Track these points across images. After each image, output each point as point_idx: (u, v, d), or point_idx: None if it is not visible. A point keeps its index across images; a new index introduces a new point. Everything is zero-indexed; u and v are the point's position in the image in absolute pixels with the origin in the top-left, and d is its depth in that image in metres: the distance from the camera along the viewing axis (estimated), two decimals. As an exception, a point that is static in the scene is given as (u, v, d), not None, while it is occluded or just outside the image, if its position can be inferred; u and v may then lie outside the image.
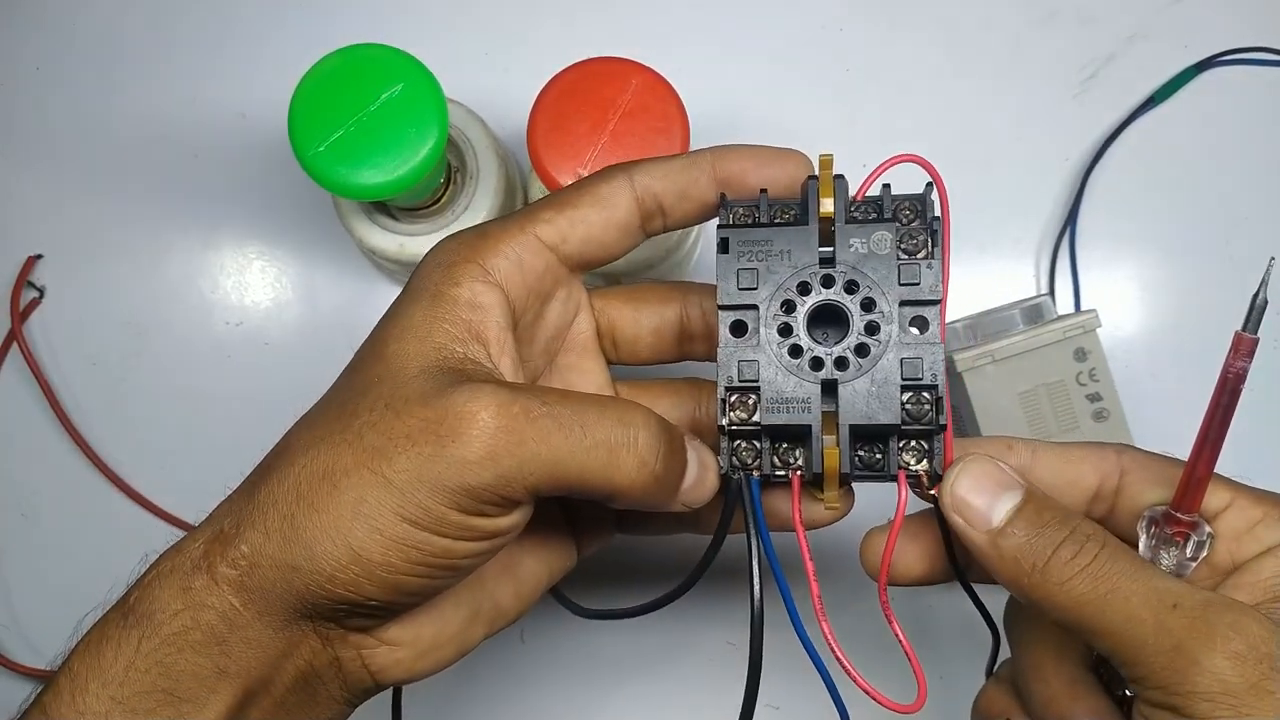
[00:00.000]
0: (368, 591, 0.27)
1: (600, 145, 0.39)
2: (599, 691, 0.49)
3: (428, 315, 0.29)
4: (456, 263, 0.30)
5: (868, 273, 0.30)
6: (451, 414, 0.26)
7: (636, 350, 0.36)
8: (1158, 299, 0.51)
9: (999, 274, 0.51)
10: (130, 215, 0.52)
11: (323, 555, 0.26)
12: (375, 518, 0.26)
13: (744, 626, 0.49)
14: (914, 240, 0.30)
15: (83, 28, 0.53)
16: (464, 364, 0.28)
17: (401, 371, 0.28)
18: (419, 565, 0.27)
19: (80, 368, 0.51)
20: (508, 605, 0.33)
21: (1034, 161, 0.52)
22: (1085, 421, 0.45)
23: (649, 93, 0.39)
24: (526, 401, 0.27)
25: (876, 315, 0.29)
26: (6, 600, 0.50)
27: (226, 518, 0.28)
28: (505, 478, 0.27)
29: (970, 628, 0.37)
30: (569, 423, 0.27)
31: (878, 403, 0.29)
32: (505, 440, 0.26)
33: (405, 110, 0.38)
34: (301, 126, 0.38)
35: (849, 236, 0.30)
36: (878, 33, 0.52)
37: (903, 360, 0.29)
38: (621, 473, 0.28)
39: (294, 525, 0.27)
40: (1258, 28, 0.52)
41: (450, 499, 0.26)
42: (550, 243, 0.31)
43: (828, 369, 0.29)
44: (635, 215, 0.32)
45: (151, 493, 0.50)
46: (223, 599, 0.27)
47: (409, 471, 0.26)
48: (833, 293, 0.30)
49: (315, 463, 0.27)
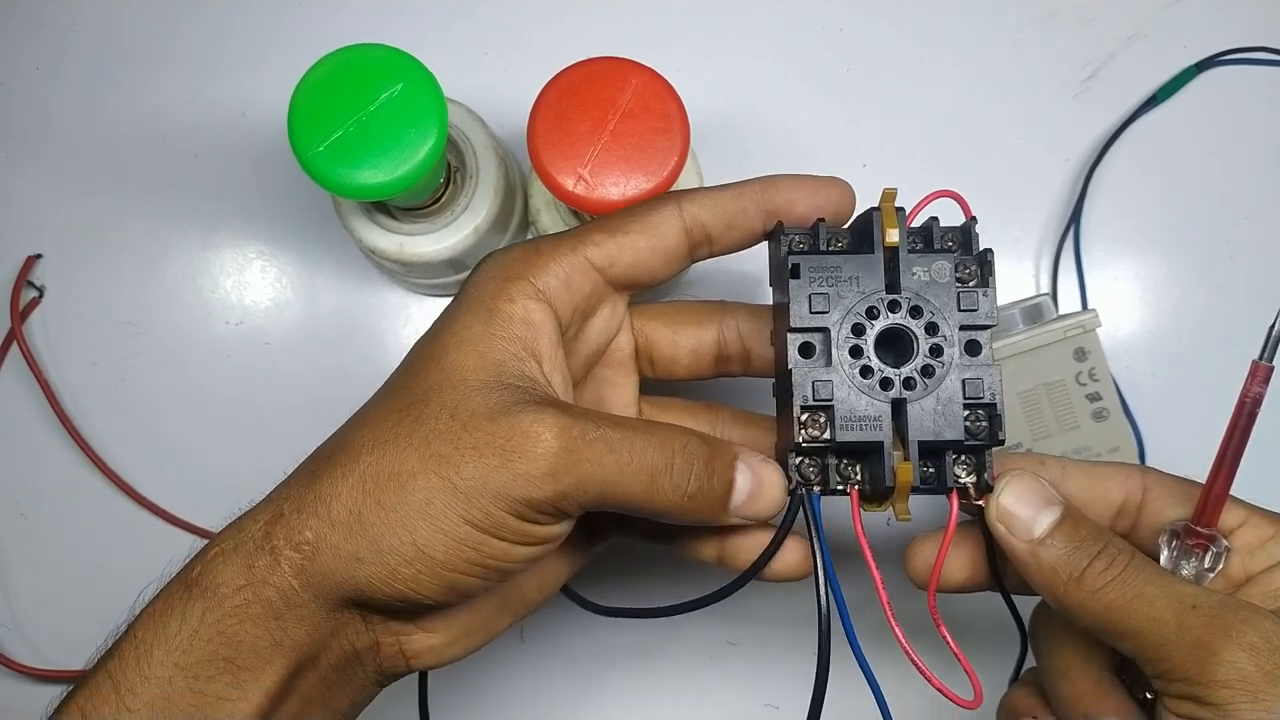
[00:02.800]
0: (427, 588, 0.29)
1: (600, 145, 0.39)
2: (598, 688, 0.49)
3: (486, 330, 0.31)
4: (510, 278, 0.32)
5: (930, 299, 0.32)
6: (518, 432, 0.29)
7: (674, 369, 0.38)
8: (1158, 299, 0.51)
9: (999, 274, 0.51)
10: (130, 215, 0.52)
11: (389, 550, 0.29)
12: (441, 519, 0.29)
13: (744, 626, 0.49)
14: (967, 270, 0.32)
15: (82, 28, 0.53)
16: (523, 381, 0.31)
17: (464, 383, 0.30)
18: (475, 565, 0.29)
19: (80, 367, 0.51)
20: (531, 596, 0.36)
21: (1034, 161, 0.52)
22: (1085, 421, 0.45)
23: (649, 93, 0.39)
24: (584, 426, 0.29)
25: (939, 339, 0.32)
26: (7, 600, 0.50)
27: (286, 501, 0.30)
28: (563, 493, 0.29)
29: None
30: (619, 447, 0.30)
31: (944, 420, 0.31)
32: (565, 460, 0.29)
33: (405, 110, 0.38)
34: (301, 126, 0.38)
35: (912, 265, 0.32)
36: (878, 33, 0.52)
37: (964, 380, 0.31)
38: (660, 494, 0.30)
39: (360, 519, 0.29)
40: (1258, 27, 0.52)
41: (512, 507, 0.29)
42: (599, 265, 0.33)
43: (896, 389, 0.31)
44: (683, 243, 0.34)
45: (152, 492, 0.50)
46: (284, 579, 0.29)
47: (475, 480, 0.29)
48: (899, 317, 0.32)
49: (382, 462, 0.29)
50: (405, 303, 0.51)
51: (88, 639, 0.48)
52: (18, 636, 0.50)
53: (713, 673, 0.49)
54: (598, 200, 0.38)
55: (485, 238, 0.45)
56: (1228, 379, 0.50)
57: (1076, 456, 0.45)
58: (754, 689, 0.49)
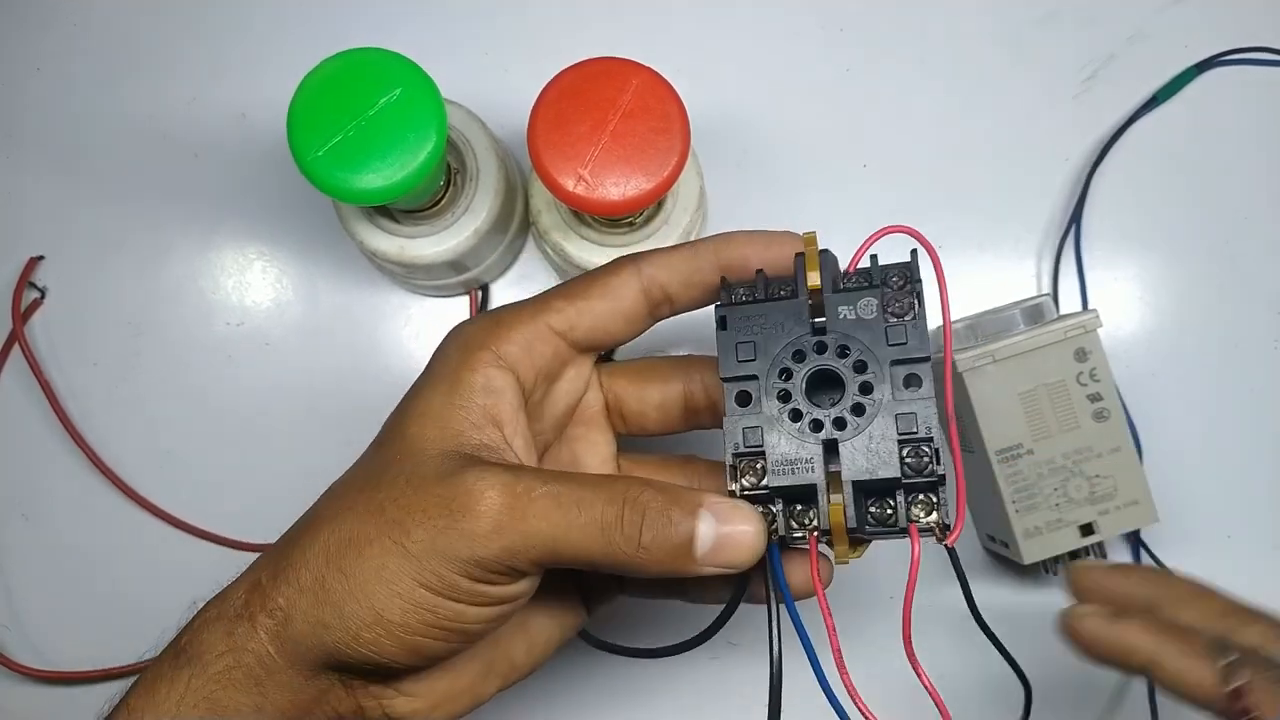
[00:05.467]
0: (388, 651, 0.30)
1: (601, 145, 0.39)
2: (598, 688, 0.49)
3: (447, 401, 0.32)
4: (473, 348, 0.33)
5: (858, 337, 0.31)
6: (462, 491, 0.29)
7: (644, 424, 0.38)
8: (1158, 299, 0.51)
9: (999, 274, 0.51)
10: (131, 216, 0.52)
11: (350, 615, 0.29)
12: (395, 583, 0.29)
13: (745, 626, 0.49)
14: (900, 303, 0.31)
15: (83, 28, 0.53)
16: (479, 449, 0.31)
17: (421, 453, 0.31)
18: (434, 628, 0.30)
19: (81, 368, 0.51)
20: (520, 661, 0.36)
21: (1034, 161, 0.52)
22: (1086, 421, 0.45)
23: (649, 93, 0.39)
24: (529, 482, 0.30)
25: (869, 376, 0.31)
26: (8, 601, 0.50)
27: (264, 570, 0.31)
28: (510, 550, 0.29)
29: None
30: (567, 501, 0.30)
31: (878, 458, 0.31)
32: (510, 516, 0.29)
33: (404, 115, 0.38)
34: (300, 131, 0.38)
35: (837, 305, 0.32)
36: (878, 33, 0.52)
37: (897, 416, 0.31)
38: (613, 547, 0.30)
39: (324, 586, 0.30)
40: (1258, 27, 0.52)
41: (462, 568, 0.29)
42: (559, 330, 0.34)
43: (827, 430, 0.31)
44: (642, 305, 0.35)
45: (152, 493, 0.50)
46: (261, 645, 0.30)
47: (424, 542, 0.29)
48: (826, 358, 0.32)
49: (342, 530, 0.30)
50: (406, 304, 0.51)
51: (89, 640, 0.49)
52: (19, 637, 0.50)
53: (713, 673, 0.49)
54: (598, 200, 0.39)
55: (486, 239, 0.46)
56: (1228, 379, 0.50)
57: (1078, 457, 0.45)
58: (754, 689, 0.49)
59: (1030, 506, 0.44)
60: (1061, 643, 0.35)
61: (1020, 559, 0.45)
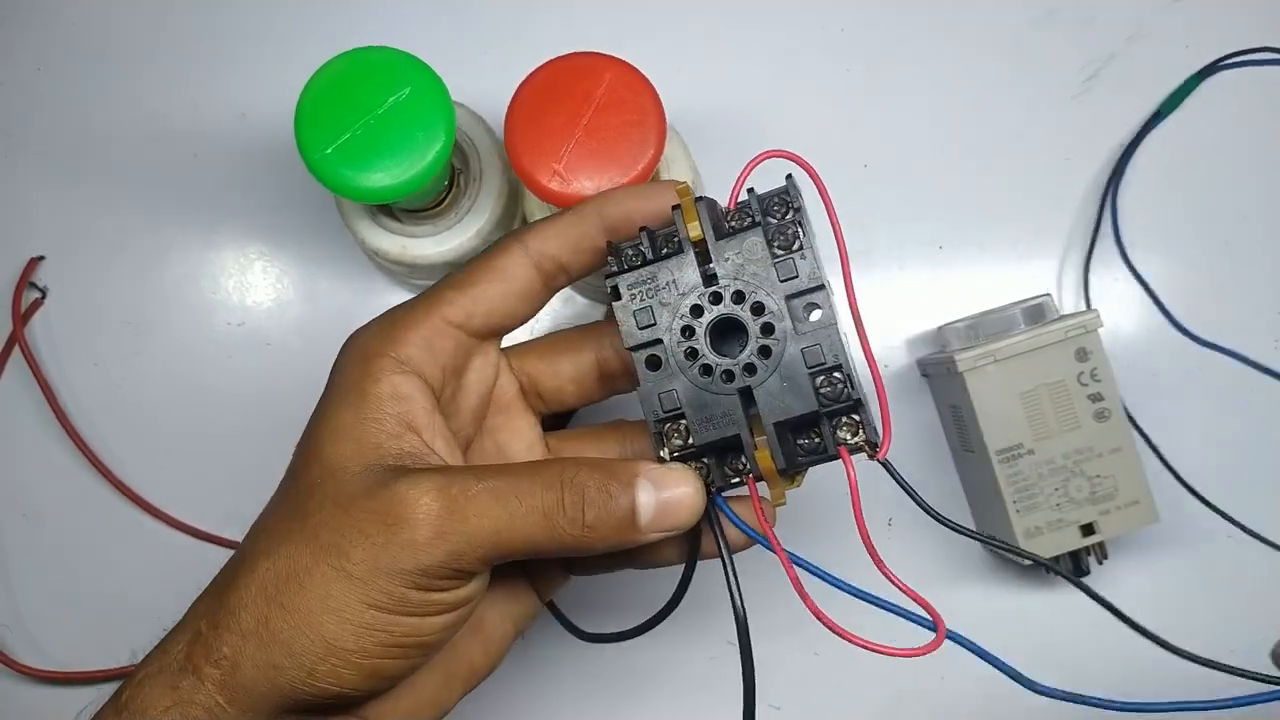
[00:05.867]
0: (348, 680, 0.29)
1: (575, 140, 0.39)
2: (597, 688, 0.49)
3: (357, 417, 0.31)
4: (371, 357, 0.32)
5: (749, 279, 0.31)
6: (396, 503, 0.29)
7: (562, 399, 0.37)
8: (1159, 299, 0.51)
9: (999, 274, 0.51)
10: (132, 216, 0.52)
11: (301, 651, 0.29)
12: (343, 609, 0.28)
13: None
14: (785, 235, 0.31)
15: (83, 28, 0.53)
16: (401, 458, 0.31)
17: (343, 471, 0.30)
18: (392, 647, 0.29)
19: (82, 368, 0.51)
20: (479, 662, 0.35)
21: (1034, 161, 0.52)
22: (1087, 421, 0.45)
23: (623, 86, 0.39)
24: (464, 481, 0.29)
25: (769, 316, 0.31)
26: (10, 601, 0.50)
27: (202, 619, 0.30)
28: (455, 553, 0.29)
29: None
30: (504, 494, 0.29)
31: (792, 395, 0.31)
32: (449, 519, 0.29)
33: (413, 114, 0.38)
34: (308, 129, 0.38)
35: (723, 252, 0.32)
36: (877, 33, 0.52)
37: (803, 350, 0.31)
38: (559, 532, 0.30)
39: (269, 626, 0.29)
40: (1258, 26, 0.52)
41: (408, 580, 0.29)
42: (456, 322, 0.33)
43: (739, 377, 0.31)
44: (535, 280, 0.34)
45: (152, 493, 0.50)
46: (209, 697, 0.29)
47: (366, 562, 0.28)
48: (723, 307, 0.31)
49: (277, 565, 0.29)
50: (407, 304, 0.51)
51: (90, 640, 0.49)
52: (21, 637, 0.50)
53: (712, 673, 0.49)
54: (574, 195, 0.38)
55: (488, 239, 0.45)
56: (1229, 379, 0.50)
57: (1079, 457, 0.45)
58: (764, 687, 0.49)
59: (1031, 506, 0.44)
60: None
61: (1021, 559, 0.45)
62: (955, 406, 0.47)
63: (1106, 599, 0.34)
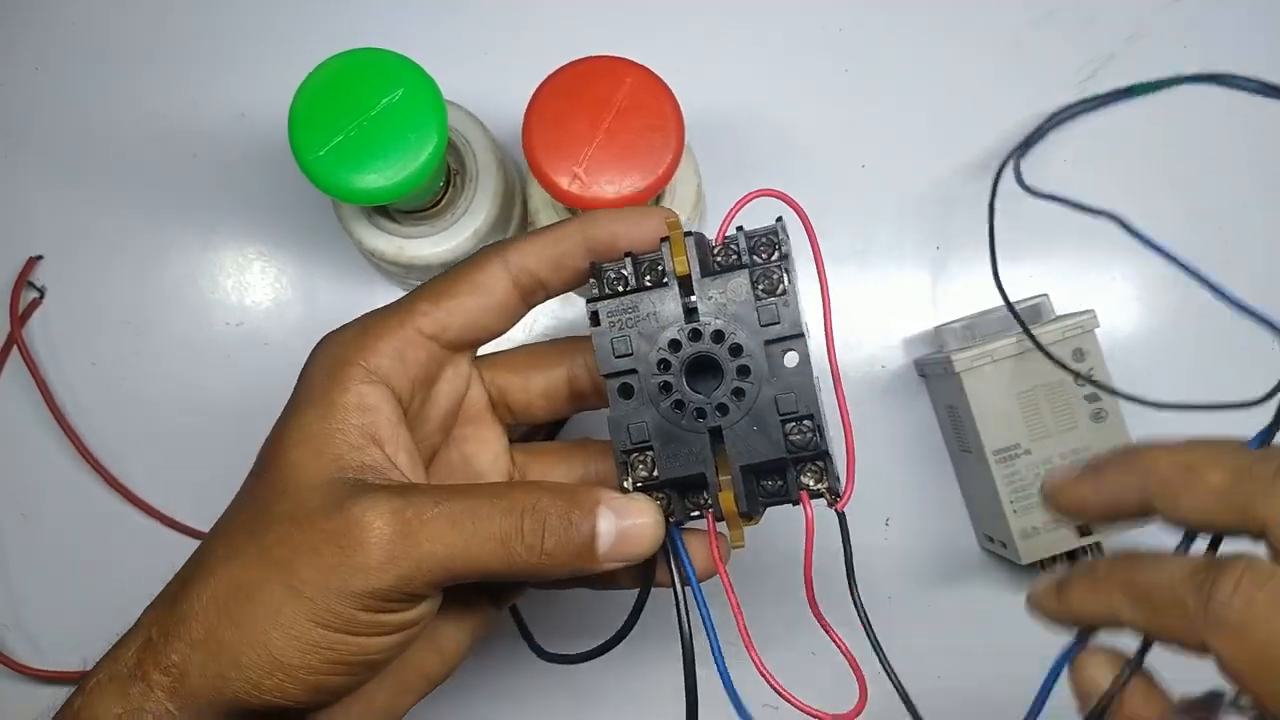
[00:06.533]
0: (292, 695, 0.29)
1: (595, 144, 0.39)
2: (597, 689, 0.49)
3: (322, 426, 0.31)
4: (341, 364, 0.32)
5: (730, 319, 0.31)
6: (350, 524, 0.29)
7: (532, 414, 0.37)
8: (1155, 299, 0.51)
9: (1003, 275, 0.51)
10: (130, 215, 0.52)
11: (248, 664, 0.29)
12: (290, 626, 0.28)
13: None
14: (771, 279, 0.31)
15: (82, 28, 0.53)
16: (362, 471, 0.30)
17: (304, 483, 0.30)
18: (337, 664, 0.29)
19: (80, 368, 0.51)
20: (433, 670, 0.35)
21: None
22: (1083, 422, 0.45)
23: (643, 91, 0.39)
24: (419, 504, 0.29)
25: (745, 359, 0.31)
26: (9, 600, 0.50)
27: (153, 626, 0.30)
28: (405, 578, 0.29)
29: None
30: (461, 519, 0.29)
31: (761, 440, 0.31)
32: (401, 544, 0.29)
33: (406, 115, 0.38)
34: (302, 131, 0.38)
35: (707, 289, 0.31)
36: (877, 33, 0.52)
37: (776, 397, 0.31)
38: (515, 558, 0.30)
39: (217, 637, 0.29)
40: (1258, 26, 0.52)
41: (357, 602, 0.29)
42: (430, 333, 0.33)
43: (711, 416, 0.31)
44: (513, 295, 0.34)
45: (150, 493, 0.50)
46: (159, 704, 0.29)
47: (316, 582, 0.28)
48: (702, 344, 0.31)
49: (230, 577, 0.30)
50: (405, 303, 0.51)
51: (89, 640, 0.49)
52: (20, 637, 0.50)
53: (712, 673, 0.49)
54: (593, 199, 0.39)
55: (485, 240, 0.46)
56: (1226, 380, 0.50)
57: (1075, 457, 0.45)
58: (753, 690, 0.49)
59: (1028, 507, 0.44)
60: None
61: (1018, 559, 0.45)
62: (952, 407, 0.47)
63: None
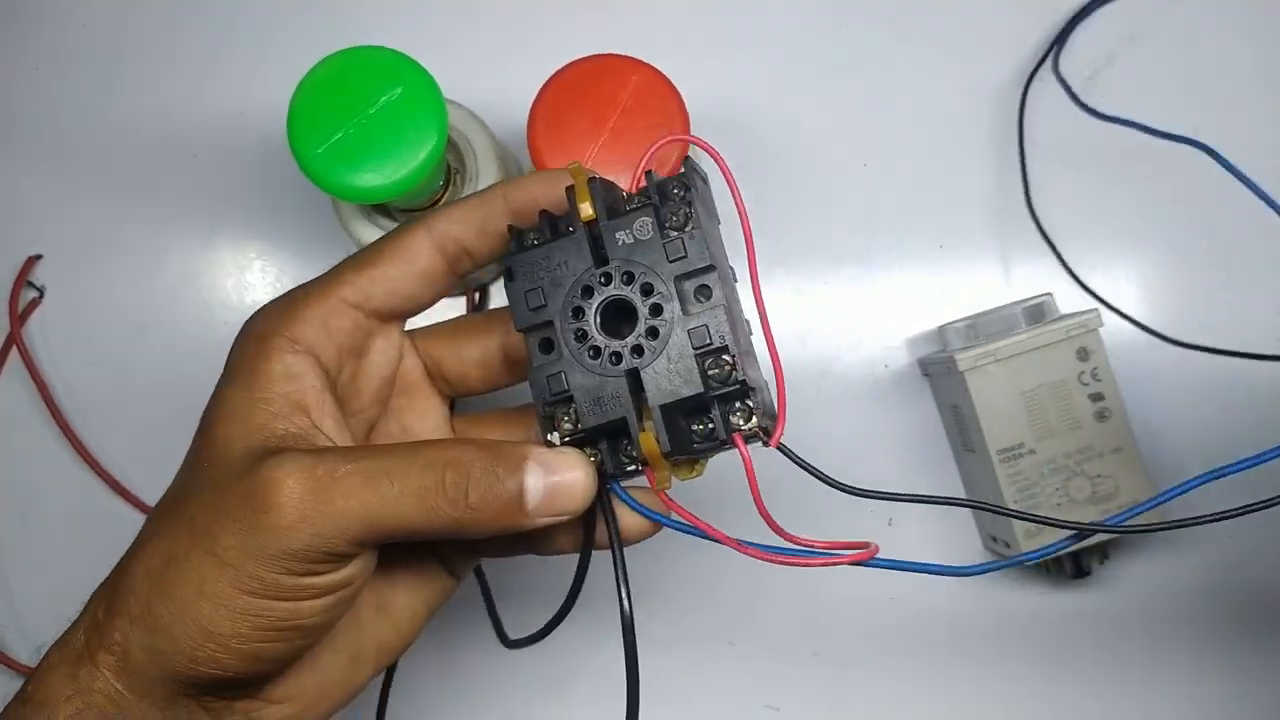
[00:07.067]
0: (227, 665, 0.29)
1: (600, 143, 0.39)
2: (596, 690, 0.49)
3: (246, 397, 0.31)
4: (266, 336, 0.32)
5: (640, 260, 0.31)
6: (260, 486, 0.28)
7: (468, 383, 0.37)
8: (1159, 298, 0.50)
9: (1000, 273, 0.51)
10: (130, 215, 0.52)
11: (181, 637, 0.28)
12: (217, 595, 0.28)
13: (742, 627, 0.49)
14: (675, 216, 0.31)
15: (82, 27, 0.53)
16: (286, 440, 0.30)
17: (228, 453, 0.30)
18: (269, 631, 0.29)
19: (79, 368, 0.51)
20: (389, 640, 0.35)
21: (1035, 161, 0.51)
22: (1088, 421, 0.45)
23: (648, 90, 0.39)
24: (332, 463, 0.29)
25: (657, 297, 0.30)
26: (9, 600, 0.50)
27: (100, 605, 0.30)
28: (322, 536, 0.28)
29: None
30: (375, 475, 0.29)
31: (679, 378, 0.30)
32: (313, 502, 0.28)
33: (405, 114, 0.38)
34: (301, 129, 0.38)
35: (614, 232, 0.31)
36: (878, 32, 0.52)
37: (690, 331, 0.30)
38: (438, 513, 0.29)
39: (152, 611, 0.29)
40: (1258, 26, 0.52)
41: (277, 565, 0.28)
42: (355, 302, 0.33)
43: (627, 360, 0.30)
44: (438, 262, 0.33)
45: (148, 493, 0.50)
46: (107, 683, 0.29)
47: (235, 547, 0.28)
48: (613, 288, 0.31)
49: (161, 550, 0.29)
50: (405, 303, 0.51)
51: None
52: (20, 637, 0.50)
53: (711, 674, 0.49)
54: None
55: (485, 238, 0.45)
56: (1230, 378, 0.50)
57: (1080, 457, 0.44)
58: (753, 690, 0.49)
59: (1032, 506, 0.44)
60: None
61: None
62: (956, 406, 0.47)
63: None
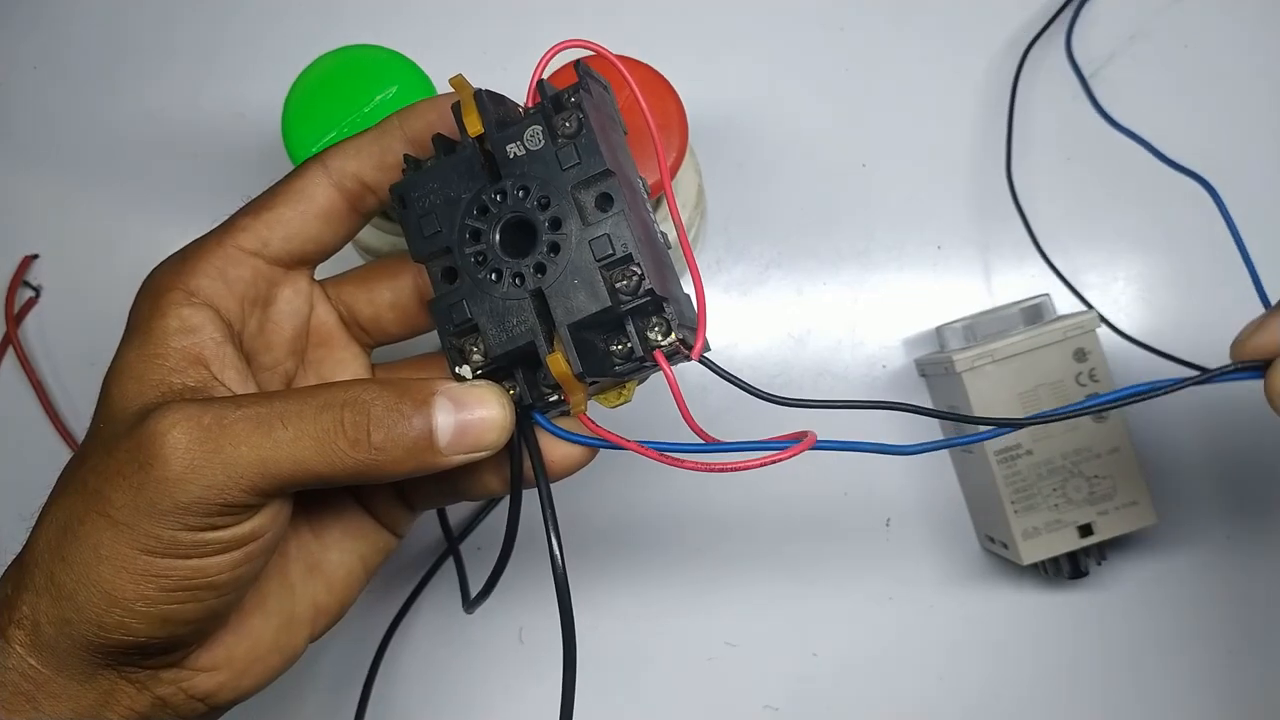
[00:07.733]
0: (137, 630, 0.27)
1: None
2: (595, 691, 0.49)
3: (140, 354, 0.29)
4: (161, 291, 0.30)
5: (534, 172, 0.28)
6: (145, 439, 0.27)
7: (384, 328, 0.35)
8: (1157, 298, 0.50)
9: (999, 274, 0.51)
10: (128, 215, 0.52)
11: (85, 604, 0.27)
12: (115, 558, 0.27)
13: (742, 627, 0.49)
14: (569, 123, 0.28)
15: (81, 27, 0.53)
16: (183, 394, 0.29)
17: (122, 412, 0.28)
18: (176, 591, 0.27)
19: (77, 368, 0.51)
20: (325, 602, 0.33)
21: (1035, 161, 0.51)
22: (1085, 422, 0.45)
23: (646, 89, 0.39)
24: (220, 410, 0.27)
25: (555, 210, 0.28)
26: (3, 601, 0.50)
27: (9, 582, 0.29)
28: (213, 487, 0.27)
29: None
30: (267, 419, 0.27)
31: (584, 294, 0.28)
32: (200, 452, 0.27)
33: (400, 112, 0.38)
34: (295, 127, 0.38)
35: (505, 145, 0.29)
36: (878, 32, 0.52)
37: (591, 243, 0.28)
38: (339, 456, 0.27)
39: (55, 581, 0.27)
40: (1258, 27, 0.52)
41: (173, 521, 0.27)
42: (252, 249, 0.31)
43: (530, 279, 0.28)
44: (338, 201, 0.32)
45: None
46: (20, 660, 0.28)
47: (127, 505, 0.27)
48: (510, 205, 0.29)
49: (58, 518, 0.28)
50: (403, 303, 0.51)
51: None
52: (15, 638, 0.50)
53: (711, 674, 0.49)
54: None
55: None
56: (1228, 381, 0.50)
57: (1077, 458, 0.44)
58: (753, 690, 0.49)
59: (1029, 507, 0.44)
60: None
61: (1019, 560, 0.44)
62: (954, 407, 0.47)
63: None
